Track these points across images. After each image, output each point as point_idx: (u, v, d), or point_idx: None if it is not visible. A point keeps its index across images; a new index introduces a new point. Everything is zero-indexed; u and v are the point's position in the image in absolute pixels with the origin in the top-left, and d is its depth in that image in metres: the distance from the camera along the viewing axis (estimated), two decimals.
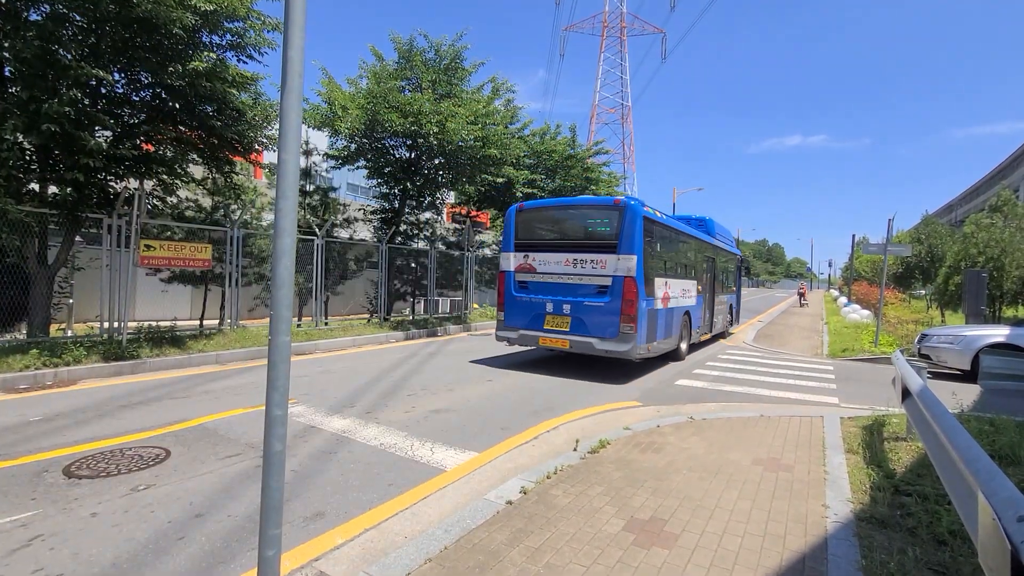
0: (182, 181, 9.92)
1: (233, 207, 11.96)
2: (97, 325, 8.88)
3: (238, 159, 10.71)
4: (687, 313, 10.56)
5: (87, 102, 7.66)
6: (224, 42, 8.89)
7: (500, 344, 9.63)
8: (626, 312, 7.97)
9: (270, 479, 1.95)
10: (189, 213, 11.43)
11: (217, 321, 11.40)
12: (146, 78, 8.63)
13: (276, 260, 1.86)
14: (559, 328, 8.52)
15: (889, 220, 14.11)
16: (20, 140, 7.43)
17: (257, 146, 10.44)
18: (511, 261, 9.24)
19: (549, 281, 8.79)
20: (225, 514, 3.34)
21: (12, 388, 6.38)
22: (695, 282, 11.27)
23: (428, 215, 17.02)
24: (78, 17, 7.58)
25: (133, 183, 9.35)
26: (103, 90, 8.28)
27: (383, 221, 15.44)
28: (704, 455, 4.57)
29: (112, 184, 8.89)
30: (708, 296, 12.59)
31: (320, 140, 15.27)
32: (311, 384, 7.13)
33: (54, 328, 8.99)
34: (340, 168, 15.43)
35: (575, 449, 4.58)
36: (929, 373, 5.35)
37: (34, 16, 7.63)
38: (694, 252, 11.52)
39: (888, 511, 3.44)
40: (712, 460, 4.45)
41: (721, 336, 14.76)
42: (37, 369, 6.77)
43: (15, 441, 4.54)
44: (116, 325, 8.51)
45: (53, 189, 8.16)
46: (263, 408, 5.38)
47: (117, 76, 8.62)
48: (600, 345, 8.12)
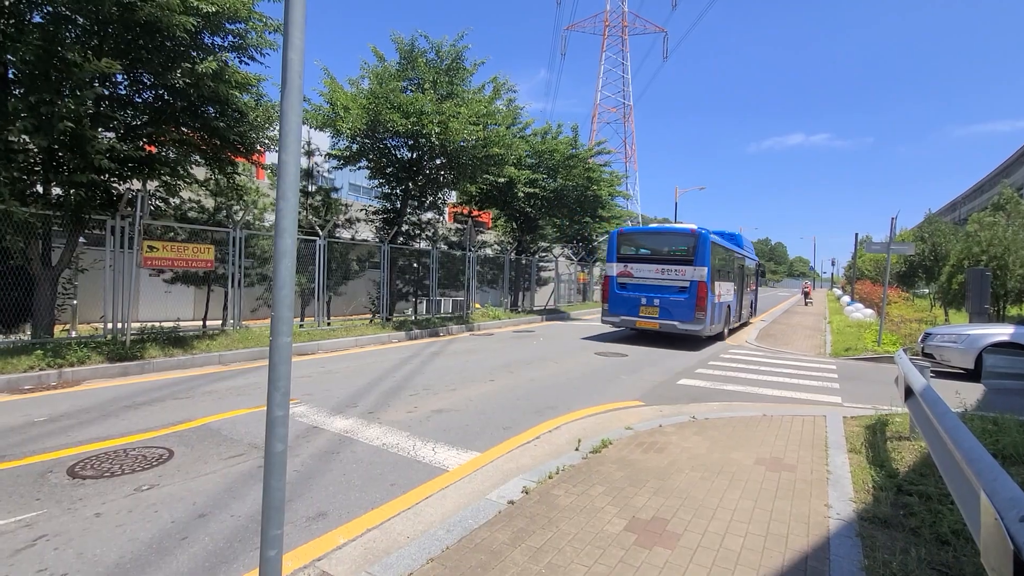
0: (185, 182, 9.95)
1: (235, 208, 11.99)
2: (101, 326, 8.91)
3: (240, 160, 10.73)
4: (728, 306, 14.25)
5: (91, 103, 7.68)
6: (226, 43, 8.92)
7: (499, 344, 9.93)
8: (699, 305, 11.84)
9: (272, 479, 1.96)
10: (192, 214, 11.46)
11: (220, 322, 11.42)
12: (148, 80, 8.66)
13: (277, 260, 1.87)
14: (651, 315, 12.45)
15: (892, 218, 14.07)
16: (26, 142, 7.47)
17: (259, 147, 10.47)
18: (614, 269, 13.14)
19: (643, 283, 12.69)
20: (228, 514, 3.36)
21: (17, 389, 6.41)
22: (732, 284, 14.93)
23: (430, 215, 17.03)
24: (81, 19, 7.61)
25: (136, 184, 9.38)
26: (106, 91, 8.31)
27: (385, 221, 15.46)
28: (706, 455, 4.57)
29: (115, 185, 8.92)
30: (739, 293, 16.20)
31: (322, 140, 15.29)
32: (314, 384, 7.15)
33: (58, 329, 9.02)
34: (342, 168, 15.45)
35: (577, 449, 4.58)
36: (932, 372, 5.34)
37: (37, 18, 7.67)
38: (732, 261, 15.21)
39: (891, 511, 3.44)
40: (714, 460, 4.45)
41: (745, 324, 18.24)
42: (42, 370, 6.80)
43: (20, 441, 4.57)
44: (120, 326, 8.54)
45: (57, 190, 8.19)
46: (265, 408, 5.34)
47: (120, 78, 8.65)
48: (681, 326, 12.01)
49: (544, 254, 23.97)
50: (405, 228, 15.72)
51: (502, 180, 16.19)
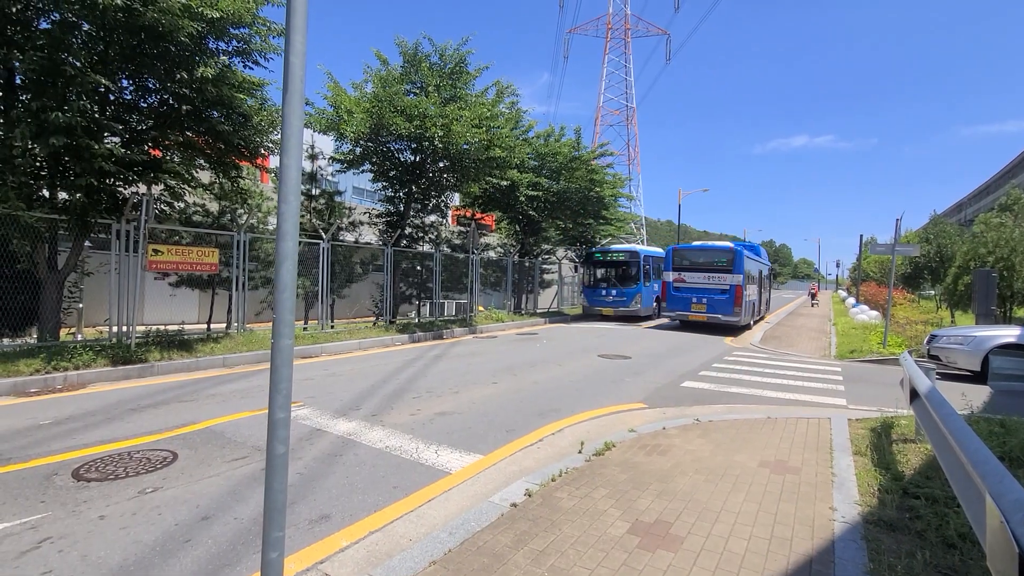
0: (190, 186, 10.01)
1: (239, 211, 12.05)
2: (106, 329, 8.96)
3: (244, 164, 10.79)
4: (753, 303, 18.73)
5: (96, 109, 7.75)
6: (230, 48, 8.98)
7: (502, 347, 9.91)
8: (737, 302, 15.97)
9: (273, 481, 1.96)
10: (196, 218, 11.53)
11: (224, 325, 11.47)
12: (153, 84, 8.73)
13: (279, 264, 1.88)
14: (699, 310, 16.63)
15: (897, 220, 14.00)
16: (31, 147, 7.54)
17: (263, 150, 10.53)
18: (670, 276, 17.47)
19: (693, 286, 16.88)
20: (231, 516, 3.36)
21: (23, 392, 6.45)
22: (755, 286, 19.23)
23: (433, 218, 17.06)
24: (87, 25, 7.68)
25: (141, 188, 9.44)
26: (111, 96, 8.38)
27: (388, 224, 15.50)
28: (710, 457, 4.55)
29: (121, 189, 8.98)
30: (760, 293, 20.91)
31: (326, 144, 15.36)
32: (317, 387, 7.17)
33: (64, 332, 9.08)
34: (345, 172, 15.49)
35: (580, 451, 4.57)
36: (938, 374, 5.31)
37: (44, 24, 7.74)
38: (755, 269, 19.31)
39: (896, 514, 3.41)
40: (718, 462, 4.43)
41: (761, 319, 22.36)
42: (47, 373, 6.85)
43: (26, 444, 4.59)
44: (125, 329, 8.59)
45: (63, 195, 8.25)
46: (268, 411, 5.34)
47: (125, 83, 8.72)
48: (723, 318, 16.12)
49: (547, 256, 23.95)
50: (408, 231, 15.75)
51: (505, 183, 16.21)
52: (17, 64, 7.39)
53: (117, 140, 8.40)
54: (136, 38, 7.82)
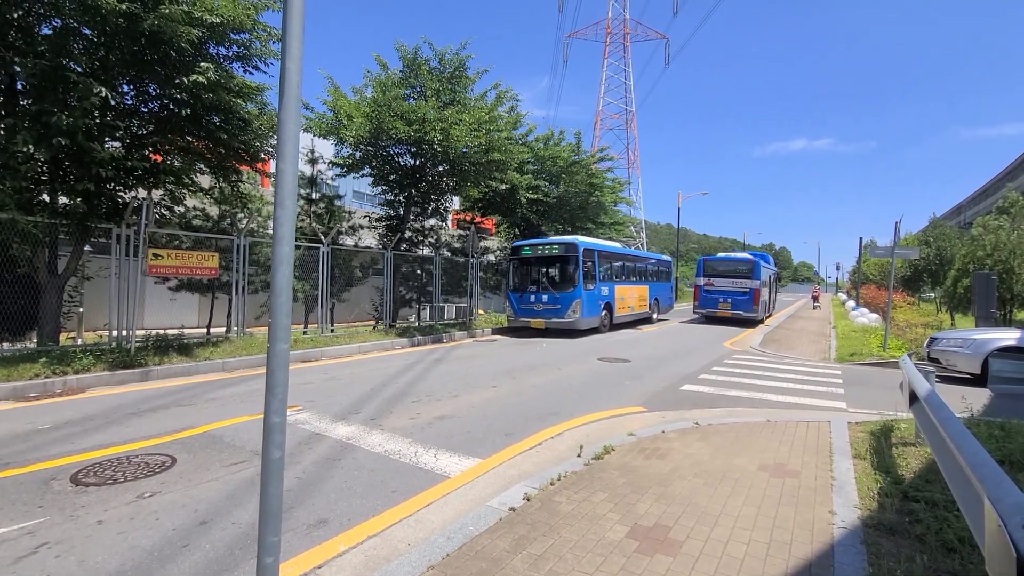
0: (189, 191, 10.04)
1: (239, 216, 12.08)
2: (106, 333, 8.97)
3: (245, 168, 10.82)
4: (766, 302, 22.51)
5: (96, 114, 7.77)
6: (230, 53, 9.02)
7: (502, 350, 9.98)
8: (755, 301, 19.90)
9: (269, 486, 1.96)
10: (196, 222, 11.55)
11: (224, 329, 11.48)
12: (154, 90, 8.76)
13: (275, 268, 1.88)
14: (725, 308, 20.44)
15: (896, 223, 14.00)
16: (31, 152, 7.56)
17: (263, 155, 10.56)
18: (701, 281, 21.49)
19: (719, 289, 20.84)
20: (229, 521, 3.36)
21: (23, 396, 6.45)
22: (767, 288, 22.89)
23: (433, 222, 17.09)
24: (88, 31, 7.72)
25: (142, 193, 9.47)
26: (112, 102, 8.41)
27: (388, 228, 15.52)
28: (709, 461, 4.54)
29: (121, 194, 9.00)
30: (769, 294, 24.48)
31: (326, 148, 15.39)
32: (316, 391, 7.16)
33: (64, 337, 9.08)
34: (345, 176, 15.53)
35: (579, 455, 4.56)
36: (938, 377, 5.29)
37: (45, 30, 7.78)
38: (767, 274, 22.63)
39: (896, 517, 3.40)
40: (717, 466, 4.42)
41: (769, 316, 24.97)
42: (47, 377, 6.84)
43: (25, 449, 4.59)
44: (125, 333, 8.59)
45: (63, 200, 8.27)
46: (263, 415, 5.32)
47: (126, 88, 8.75)
48: (744, 314, 20.06)
49: None
50: (408, 235, 15.77)
51: (505, 186, 16.26)
52: (18, 69, 7.42)
53: (118, 145, 8.43)
54: (137, 44, 7.86)
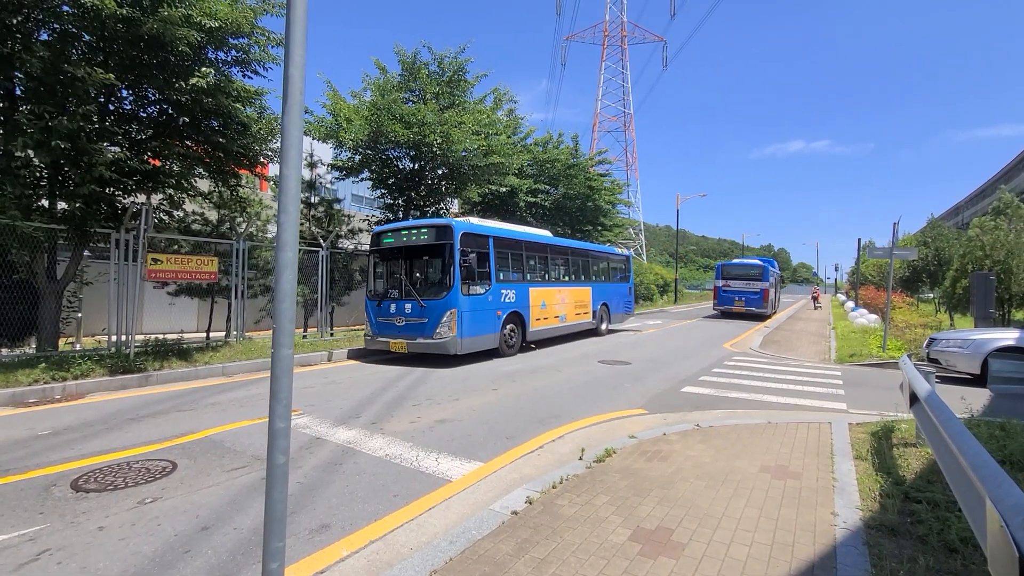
0: (189, 195, 10.03)
1: (239, 220, 12.06)
2: (105, 339, 8.95)
3: (244, 172, 10.83)
4: (773, 300, 26.00)
5: (96, 118, 7.78)
6: (229, 58, 9.03)
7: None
8: (765, 300, 23.66)
9: (274, 491, 1.96)
10: (195, 226, 11.53)
11: (224, 333, 11.46)
12: (153, 94, 8.77)
13: (279, 273, 1.88)
14: (740, 305, 23.74)
15: (894, 224, 14.04)
16: (31, 156, 7.55)
17: (262, 159, 10.56)
18: (719, 283, 24.79)
19: (735, 290, 24.06)
20: (231, 527, 3.35)
21: (22, 402, 6.43)
22: (774, 288, 26.79)
23: None
24: (87, 36, 7.73)
25: (141, 198, 9.46)
26: (111, 107, 8.41)
27: None
28: (711, 463, 4.54)
29: (120, 199, 9.00)
30: (775, 293, 28.33)
31: (325, 152, 15.41)
32: (317, 395, 7.15)
33: (63, 342, 9.07)
34: (344, 179, 15.56)
35: (580, 458, 4.56)
36: (938, 378, 5.30)
37: (44, 35, 7.79)
38: (773, 276, 26.57)
39: (898, 518, 3.40)
40: (719, 468, 4.42)
41: (775, 312, 28.17)
42: (46, 383, 6.83)
43: (24, 455, 4.57)
44: (124, 338, 8.57)
45: (62, 205, 8.27)
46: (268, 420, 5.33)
47: (125, 93, 8.76)
48: (756, 310, 23.51)
49: None
50: None
51: (504, 189, 16.29)
52: (18, 75, 7.42)
53: (117, 150, 8.44)
54: (136, 48, 7.87)
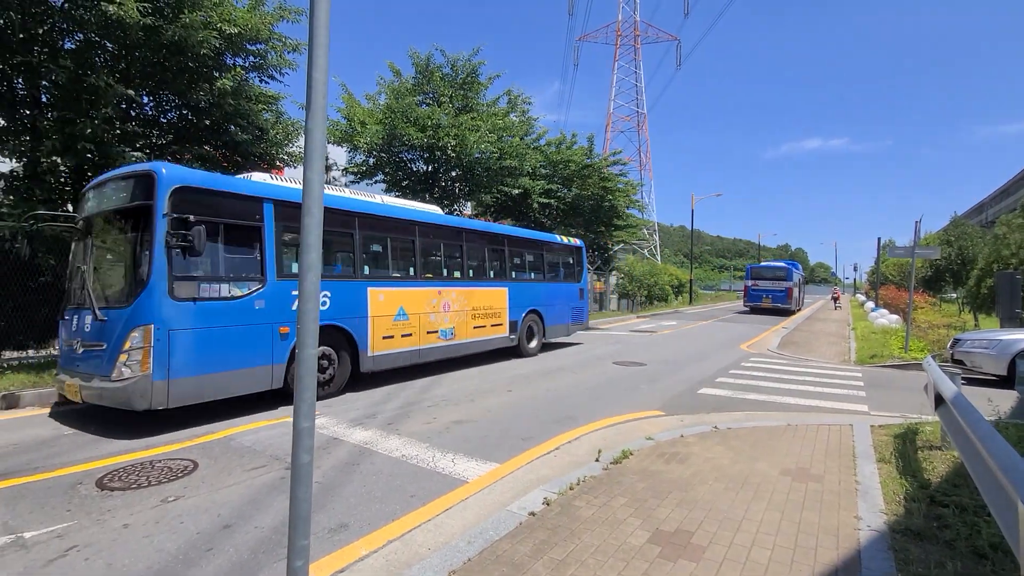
0: None
1: None
2: None
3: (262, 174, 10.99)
4: (798, 298, 30.70)
5: (118, 124, 7.96)
6: (247, 64, 9.19)
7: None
8: (790, 297, 28.08)
9: (298, 490, 1.98)
10: None
11: None
12: (173, 100, 8.95)
13: (302, 275, 1.91)
14: (767, 302, 28.06)
15: (916, 222, 13.76)
16: (57, 162, 7.75)
17: (279, 162, 10.71)
18: (748, 284, 29.43)
19: (763, 288, 28.56)
20: (252, 525, 3.39)
21: (47, 403, 6.59)
22: (798, 288, 30.99)
23: None
24: (110, 44, 7.91)
25: None
26: (133, 112, 8.59)
27: None
28: (730, 465, 4.49)
29: None
30: (799, 291, 32.00)
31: (339, 155, 15.57)
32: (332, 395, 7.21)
33: None
34: (359, 182, 15.69)
35: (597, 459, 4.53)
36: (963, 379, 5.17)
37: (69, 44, 7.99)
38: (797, 276, 30.58)
39: (924, 523, 3.33)
40: (738, 470, 4.37)
41: (799, 309, 31.96)
42: None
43: (51, 454, 4.69)
44: None
45: None
46: (287, 419, 5.40)
47: (146, 99, 8.95)
48: (782, 306, 28.00)
49: None
50: None
51: (517, 191, 16.28)
52: (44, 83, 7.62)
53: (139, 155, 8.62)
54: (157, 55, 8.04)
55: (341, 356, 7.26)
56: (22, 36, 7.30)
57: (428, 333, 8.71)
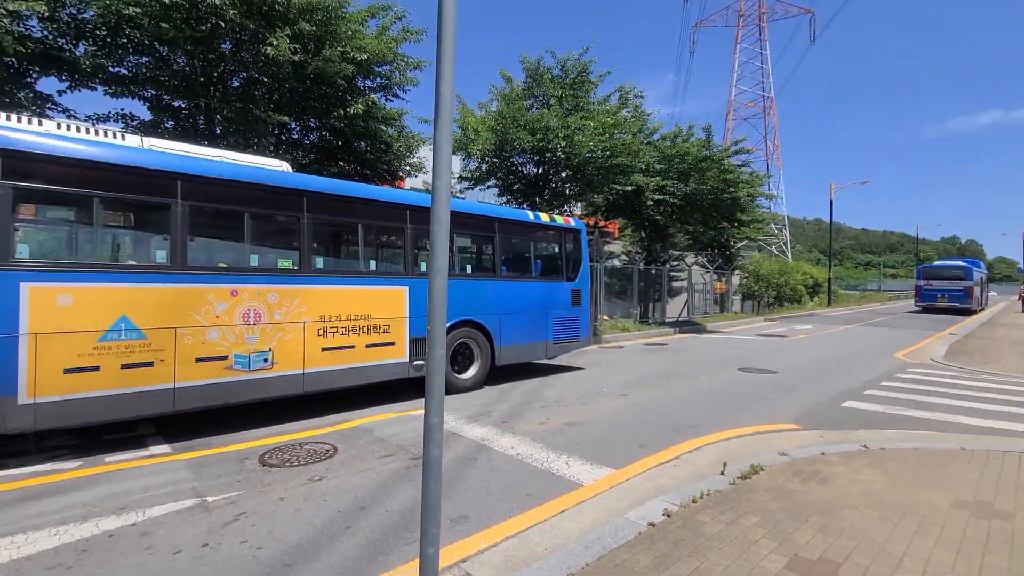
0: None
1: None
2: None
3: (384, 186, 11.97)
4: (979, 297, 29.84)
5: (272, 148, 9.15)
6: (375, 85, 10.06)
7: (629, 357, 9.76)
8: (969, 296, 27.57)
9: (429, 482, 2.10)
10: None
11: None
12: (314, 123, 10.08)
13: (432, 278, 2.02)
14: (943, 301, 28.02)
15: None
16: None
17: (400, 173, 11.56)
18: (921, 283, 29.56)
19: (937, 288, 28.59)
20: (383, 509, 3.68)
21: None
22: (979, 287, 30.48)
23: None
24: (266, 79, 9.14)
25: None
26: (283, 137, 9.84)
27: None
28: (885, 491, 3.92)
29: None
30: (981, 291, 31.13)
31: (453, 163, 16.37)
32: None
33: None
34: (472, 189, 16.34)
35: (723, 473, 4.22)
36: None
37: (235, 83, 9.38)
38: (977, 275, 29.66)
39: None
40: (896, 498, 3.79)
41: (982, 308, 30.72)
42: None
43: (220, 431, 5.50)
44: None
45: None
46: (412, 412, 5.75)
47: (292, 124, 10.20)
48: (960, 305, 27.51)
49: (676, 263, 22.80)
50: None
51: (630, 188, 15.82)
52: (219, 117, 9.02)
53: None
54: (302, 84, 9.11)
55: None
56: (203, 79, 8.73)
57: (200, 361, 5.21)
